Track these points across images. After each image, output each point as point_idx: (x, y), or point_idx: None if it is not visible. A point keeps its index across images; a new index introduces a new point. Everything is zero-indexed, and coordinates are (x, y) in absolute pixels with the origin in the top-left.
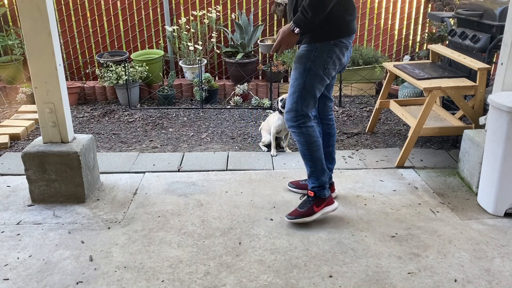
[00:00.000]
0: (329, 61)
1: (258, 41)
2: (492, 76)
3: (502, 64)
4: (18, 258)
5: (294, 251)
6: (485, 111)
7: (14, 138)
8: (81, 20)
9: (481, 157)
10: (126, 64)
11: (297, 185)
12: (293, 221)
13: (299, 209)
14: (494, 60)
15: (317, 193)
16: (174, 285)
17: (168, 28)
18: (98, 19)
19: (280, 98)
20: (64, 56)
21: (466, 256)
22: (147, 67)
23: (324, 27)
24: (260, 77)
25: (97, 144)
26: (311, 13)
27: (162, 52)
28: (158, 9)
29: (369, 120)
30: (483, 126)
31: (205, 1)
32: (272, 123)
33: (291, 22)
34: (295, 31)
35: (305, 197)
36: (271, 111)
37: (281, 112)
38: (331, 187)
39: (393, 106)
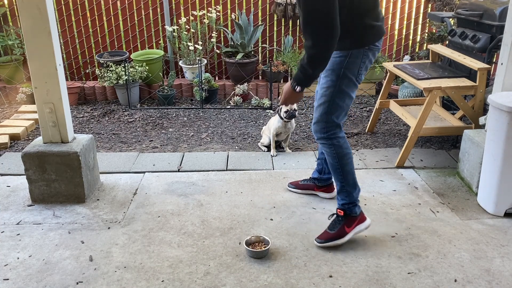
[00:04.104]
0: (362, 66)
1: (244, 245)
2: (492, 76)
3: (502, 64)
4: (18, 258)
5: (294, 251)
6: (485, 111)
7: (14, 138)
8: (81, 20)
9: (481, 157)
10: (126, 64)
11: (296, 185)
12: (323, 245)
13: (329, 231)
14: (494, 60)
15: (347, 211)
16: (174, 285)
17: (168, 28)
18: (98, 19)
19: (284, 109)
20: (64, 56)
21: (466, 256)
22: (147, 67)
23: (357, 34)
24: (260, 77)
25: (97, 144)
26: (311, 70)
27: (162, 52)
28: (158, 9)
29: (369, 120)
30: (483, 126)
31: (205, 1)
32: (272, 125)
33: (292, 79)
34: (297, 90)
35: (334, 216)
36: (271, 111)
37: (282, 118)
38: (331, 185)
39: (393, 106)
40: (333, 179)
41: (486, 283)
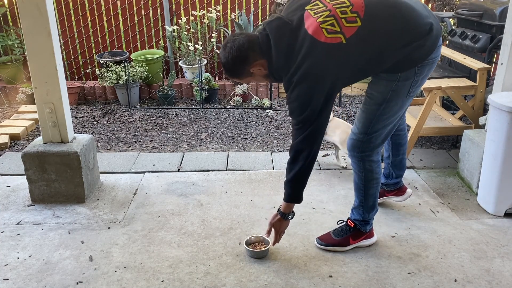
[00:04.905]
0: (414, 84)
1: (244, 245)
2: (492, 76)
3: (502, 64)
4: (18, 258)
5: (294, 251)
6: (485, 111)
7: (14, 138)
8: (81, 20)
9: (481, 157)
10: (126, 64)
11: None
12: (324, 247)
13: (333, 236)
14: (494, 60)
15: (357, 226)
16: (174, 285)
17: (168, 28)
18: (98, 19)
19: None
20: (64, 56)
21: (466, 256)
22: (147, 67)
23: (407, 59)
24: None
25: (97, 144)
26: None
27: (162, 52)
28: (158, 9)
29: None
30: (483, 126)
31: (205, 1)
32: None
33: (278, 209)
34: (288, 218)
35: (343, 224)
36: (271, 111)
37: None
38: (402, 188)
39: None
40: (354, 194)
41: (486, 283)
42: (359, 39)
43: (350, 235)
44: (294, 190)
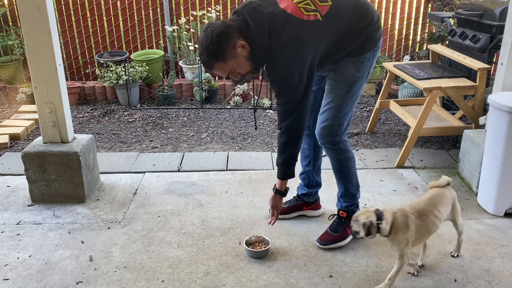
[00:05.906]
0: (371, 67)
1: (244, 245)
2: (492, 76)
3: (502, 64)
4: (18, 258)
5: (294, 251)
6: (485, 111)
7: (14, 138)
8: (81, 20)
9: (481, 157)
10: (126, 64)
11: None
12: (327, 247)
13: (331, 233)
14: (494, 60)
15: (350, 213)
16: (174, 285)
17: (168, 28)
18: (98, 19)
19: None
20: (64, 56)
21: (466, 256)
22: (147, 67)
23: (369, 39)
24: (260, 77)
25: (97, 144)
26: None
27: (162, 52)
28: (158, 9)
29: (369, 120)
30: (483, 126)
31: (205, 1)
32: None
33: (275, 190)
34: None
35: (336, 217)
36: (271, 111)
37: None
38: (318, 201)
39: (393, 106)
40: (337, 183)
41: (486, 283)
42: (332, 16)
43: (346, 225)
44: (288, 168)
